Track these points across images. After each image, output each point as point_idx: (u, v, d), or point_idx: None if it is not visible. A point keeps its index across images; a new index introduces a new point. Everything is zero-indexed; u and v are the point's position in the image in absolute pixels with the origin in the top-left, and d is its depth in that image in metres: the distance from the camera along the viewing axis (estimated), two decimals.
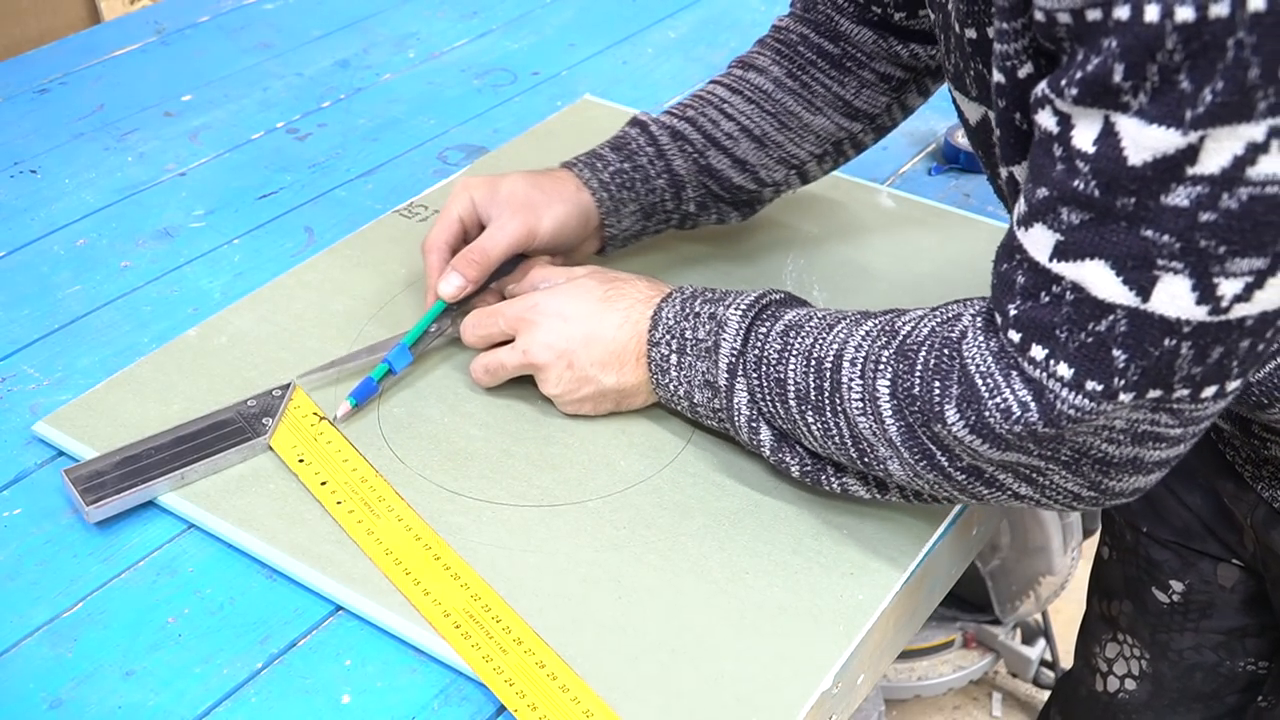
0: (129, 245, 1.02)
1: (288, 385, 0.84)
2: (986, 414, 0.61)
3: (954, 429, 0.63)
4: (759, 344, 0.73)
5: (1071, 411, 0.58)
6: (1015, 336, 0.60)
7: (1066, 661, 1.70)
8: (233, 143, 1.16)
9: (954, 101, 0.73)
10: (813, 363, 0.70)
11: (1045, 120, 0.56)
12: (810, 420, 0.71)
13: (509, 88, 1.25)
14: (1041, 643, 1.73)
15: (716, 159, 0.90)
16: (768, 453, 0.75)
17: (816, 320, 0.72)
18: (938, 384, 0.63)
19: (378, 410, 0.83)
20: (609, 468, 0.79)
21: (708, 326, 0.75)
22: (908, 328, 0.67)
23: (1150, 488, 0.65)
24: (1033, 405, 0.59)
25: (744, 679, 0.67)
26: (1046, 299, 0.58)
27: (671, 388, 0.78)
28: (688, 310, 0.77)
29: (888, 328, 0.68)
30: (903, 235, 1.01)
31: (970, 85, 0.68)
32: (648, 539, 0.75)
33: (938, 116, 1.19)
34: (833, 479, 0.73)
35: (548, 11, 1.39)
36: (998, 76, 0.61)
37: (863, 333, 0.69)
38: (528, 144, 1.13)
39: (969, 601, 1.66)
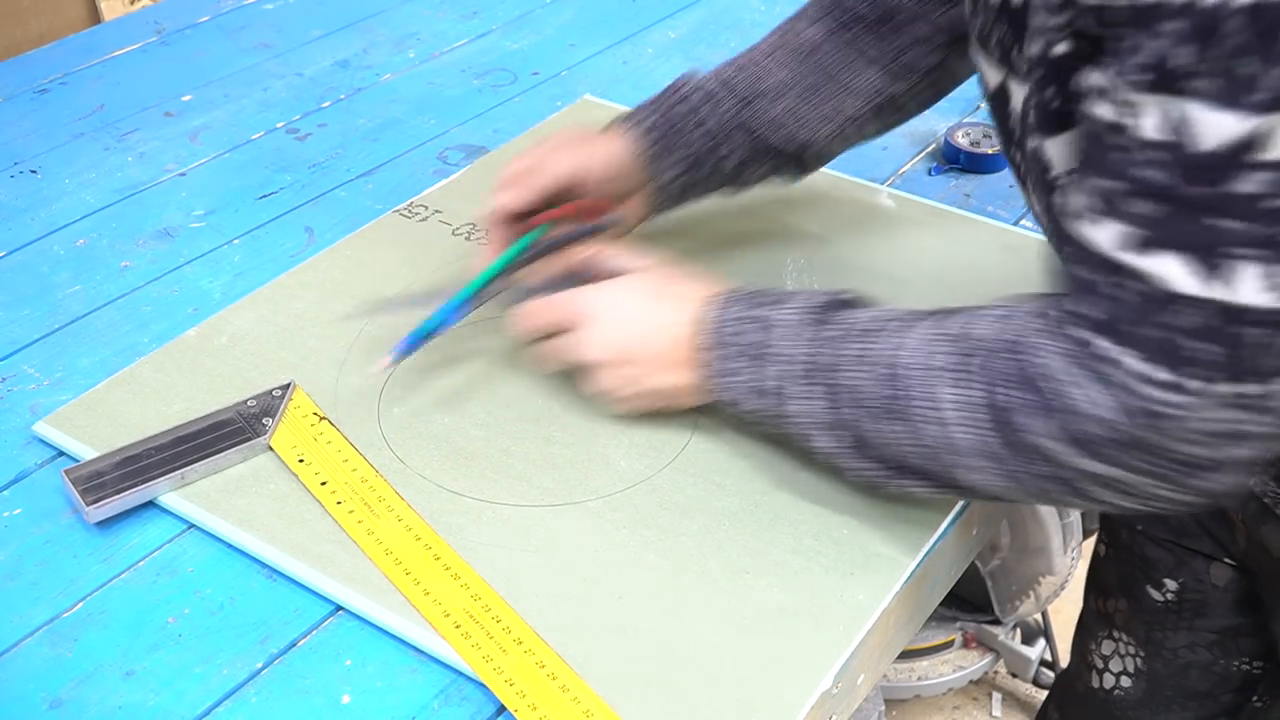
0: (129, 245, 1.02)
1: (288, 385, 0.84)
2: (1072, 422, 0.60)
3: (1041, 440, 0.61)
4: (820, 348, 0.71)
5: (1156, 408, 0.57)
6: (1087, 336, 0.58)
7: (1066, 661, 1.70)
8: (233, 143, 1.16)
9: (975, 63, 0.71)
10: (880, 371, 0.68)
11: (1102, 110, 0.55)
12: (886, 428, 0.69)
13: (509, 88, 1.25)
14: (1041, 643, 1.73)
15: (759, 113, 0.88)
16: (823, 458, 0.74)
17: (881, 323, 0.70)
18: (1017, 393, 0.62)
19: (378, 410, 0.83)
20: (609, 468, 0.79)
21: (762, 331, 0.73)
22: (978, 329, 0.65)
23: (1239, 485, 0.63)
24: (1117, 407, 0.58)
25: (744, 679, 0.67)
26: (1117, 292, 0.57)
27: (722, 393, 0.76)
28: (737, 314, 0.75)
29: (950, 333, 0.66)
30: (903, 235, 1.01)
31: (993, 48, 0.66)
32: (648, 539, 0.75)
33: (938, 116, 1.19)
34: (892, 482, 0.72)
35: (548, 11, 1.39)
36: (1033, 48, 0.59)
37: (927, 340, 0.67)
38: (528, 144, 1.12)
39: (969, 601, 1.66)
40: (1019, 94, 0.66)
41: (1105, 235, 0.56)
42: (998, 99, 0.69)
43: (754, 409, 0.75)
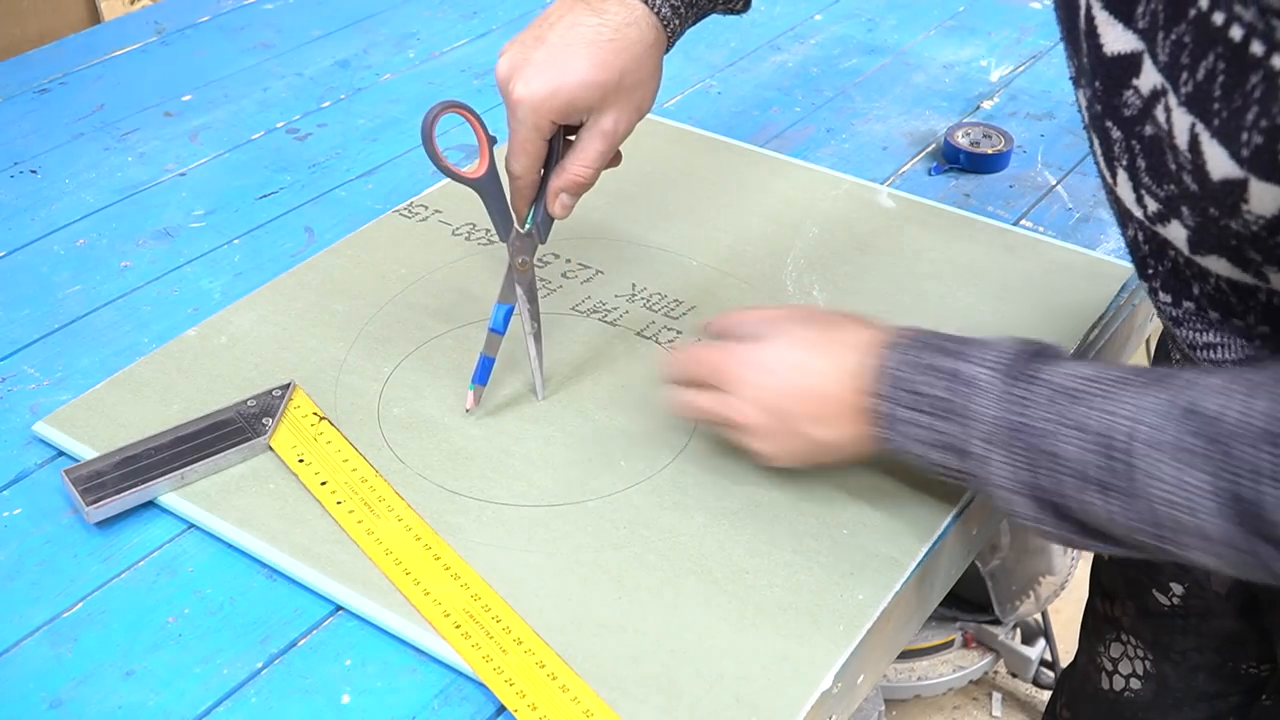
0: (129, 245, 1.02)
1: (288, 385, 0.84)
2: None
3: None
4: (1019, 410, 0.65)
5: None
6: None
7: (1066, 661, 1.70)
8: (233, 143, 1.16)
9: (1085, 19, 0.64)
10: (1094, 439, 0.62)
11: None
12: (1091, 499, 0.63)
13: None
14: (1041, 643, 1.73)
15: None
16: (1026, 522, 0.68)
17: (1085, 383, 0.64)
18: (1272, 490, 0.56)
19: (378, 410, 0.83)
20: (609, 468, 0.79)
21: (949, 385, 0.67)
22: (1213, 407, 0.59)
23: None
24: None
25: (744, 679, 0.67)
26: None
27: (904, 445, 0.70)
28: (920, 362, 0.69)
29: (1191, 408, 0.59)
30: (903, 235, 1.01)
31: (1141, 15, 0.60)
32: (648, 539, 0.75)
33: (937, 116, 1.19)
34: (1095, 543, 0.68)
35: None
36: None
37: (1155, 406, 0.61)
38: None
39: (969, 601, 1.66)
40: (1152, 77, 0.59)
41: None
42: (1119, 65, 0.62)
43: (939, 462, 0.70)
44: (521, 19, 1.37)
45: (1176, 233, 0.64)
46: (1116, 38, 0.62)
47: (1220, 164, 0.56)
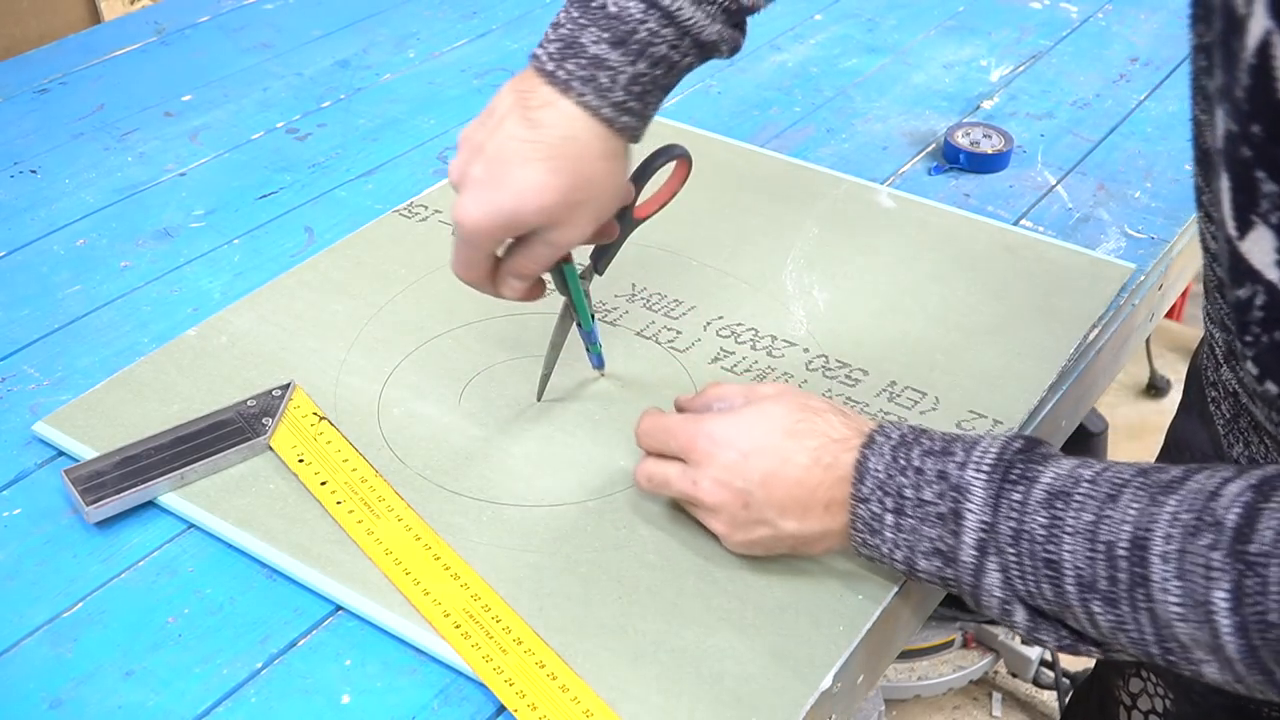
0: (129, 245, 1.02)
1: (288, 385, 0.84)
2: None
3: None
4: (1014, 515, 0.62)
5: None
6: None
7: (1066, 662, 1.70)
8: (233, 143, 1.16)
9: (1258, 52, 0.54)
10: (1099, 547, 0.59)
11: None
12: (1097, 610, 0.60)
13: None
14: None
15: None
16: (1022, 632, 0.65)
17: (1085, 486, 0.61)
18: None
19: (378, 410, 0.83)
20: (609, 468, 0.79)
21: (937, 488, 0.64)
22: (1234, 517, 0.55)
23: None
24: None
25: (744, 679, 0.67)
26: None
27: (885, 549, 0.67)
28: (903, 462, 0.66)
29: (1206, 515, 0.56)
30: (903, 235, 1.01)
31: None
32: (648, 539, 0.75)
33: (937, 116, 1.19)
34: (1093, 650, 0.64)
35: (547, 11, 1.39)
36: None
37: (1168, 515, 0.57)
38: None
39: None
40: None
41: None
42: (1248, 44, 0.52)
43: (923, 570, 0.67)
44: (521, 19, 1.37)
45: None
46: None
47: None
